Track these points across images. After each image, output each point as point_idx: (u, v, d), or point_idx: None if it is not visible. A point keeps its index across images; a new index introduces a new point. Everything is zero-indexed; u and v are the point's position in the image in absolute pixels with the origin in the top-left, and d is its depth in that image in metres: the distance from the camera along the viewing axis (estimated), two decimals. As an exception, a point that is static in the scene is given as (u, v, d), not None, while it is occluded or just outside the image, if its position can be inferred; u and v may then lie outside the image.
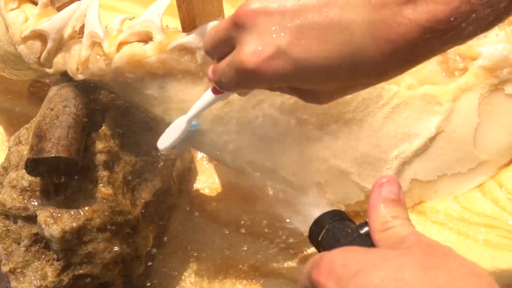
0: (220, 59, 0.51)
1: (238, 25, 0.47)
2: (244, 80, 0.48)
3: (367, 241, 0.44)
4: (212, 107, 0.66)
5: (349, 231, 0.46)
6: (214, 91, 0.57)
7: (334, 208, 0.50)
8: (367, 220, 0.45)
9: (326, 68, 0.44)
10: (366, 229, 0.45)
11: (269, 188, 0.78)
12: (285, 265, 0.77)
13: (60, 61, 0.67)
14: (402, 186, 0.46)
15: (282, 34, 0.44)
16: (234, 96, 0.66)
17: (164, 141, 0.62)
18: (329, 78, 0.45)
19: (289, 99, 0.68)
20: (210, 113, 0.67)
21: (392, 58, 0.42)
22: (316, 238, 0.49)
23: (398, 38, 0.41)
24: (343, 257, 0.40)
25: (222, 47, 0.50)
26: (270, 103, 0.67)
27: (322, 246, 0.48)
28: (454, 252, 0.40)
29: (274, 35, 0.44)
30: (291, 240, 0.76)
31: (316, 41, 0.43)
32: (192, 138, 0.65)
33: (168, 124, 0.66)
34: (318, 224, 0.49)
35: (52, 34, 0.65)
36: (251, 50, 0.45)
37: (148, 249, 0.72)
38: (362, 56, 0.42)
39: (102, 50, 0.64)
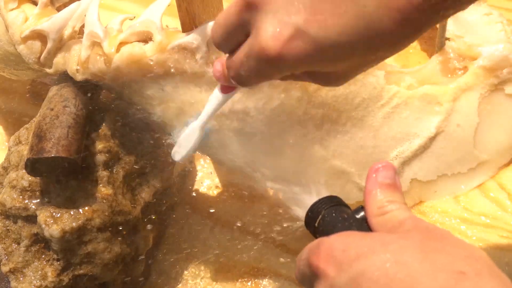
0: (232, 51, 0.47)
1: (251, 6, 0.43)
2: (266, 69, 0.44)
3: (364, 225, 0.44)
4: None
5: (346, 216, 0.46)
6: (224, 89, 0.53)
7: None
8: (362, 205, 0.45)
9: (344, 45, 0.42)
10: (362, 213, 0.45)
11: (269, 188, 0.78)
12: (285, 265, 0.76)
13: (60, 61, 0.67)
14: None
15: (296, 11, 0.42)
16: (234, 96, 0.66)
17: (179, 152, 0.60)
18: (348, 55, 0.43)
19: (289, 99, 0.68)
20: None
21: (403, 27, 0.41)
22: (312, 224, 0.49)
23: (406, 4, 0.40)
24: (342, 242, 0.40)
25: (234, 35, 0.46)
26: (270, 103, 0.67)
27: (319, 232, 0.48)
28: (452, 236, 0.40)
29: (289, 13, 0.42)
30: (291, 240, 0.76)
31: (330, 16, 0.41)
32: (204, 143, 0.63)
33: (167, 125, 0.66)
34: (314, 210, 0.49)
35: (52, 34, 0.65)
36: (270, 34, 0.42)
37: (148, 249, 0.72)
38: (377, 28, 0.41)
39: (102, 50, 0.64)
